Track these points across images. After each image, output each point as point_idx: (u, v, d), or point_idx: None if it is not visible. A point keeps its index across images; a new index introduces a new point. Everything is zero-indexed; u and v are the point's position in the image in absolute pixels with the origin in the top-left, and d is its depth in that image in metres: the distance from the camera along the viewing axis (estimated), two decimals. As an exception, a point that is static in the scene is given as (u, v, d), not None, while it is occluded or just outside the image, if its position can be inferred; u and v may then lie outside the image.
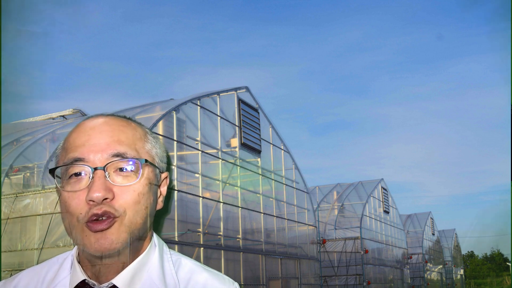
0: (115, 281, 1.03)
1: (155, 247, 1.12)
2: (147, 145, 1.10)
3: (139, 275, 1.06)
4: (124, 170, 1.03)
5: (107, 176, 1.01)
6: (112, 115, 1.12)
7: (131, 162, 1.04)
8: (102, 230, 0.99)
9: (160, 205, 1.14)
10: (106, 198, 0.99)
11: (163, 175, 1.15)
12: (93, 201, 0.98)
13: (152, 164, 1.09)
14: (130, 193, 1.03)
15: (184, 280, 1.09)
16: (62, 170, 1.04)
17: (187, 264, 1.13)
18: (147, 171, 1.07)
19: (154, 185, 1.10)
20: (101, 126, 1.06)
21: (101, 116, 1.11)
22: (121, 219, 1.01)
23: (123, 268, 1.05)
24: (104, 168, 1.01)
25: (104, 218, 0.99)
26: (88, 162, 1.01)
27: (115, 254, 1.02)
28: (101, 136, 1.04)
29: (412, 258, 27.84)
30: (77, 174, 1.02)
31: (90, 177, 1.00)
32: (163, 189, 1.16)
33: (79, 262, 1.08)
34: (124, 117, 1.14)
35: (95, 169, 1.00)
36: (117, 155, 1.03)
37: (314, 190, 22.87)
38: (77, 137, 1.05)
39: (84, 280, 1.05)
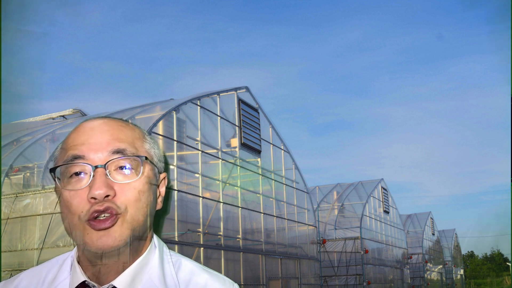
0: (116, 282, 1.03)
1: (155, 248, 1.12)
2: (146, 145, 1.11)
3: (140, 276, 1.06)
4: (125, 168, 1.04)
5: (108, 174, 1.02)
6: (110, 117, 1.13)
7: (131, 159, 1.05)
8: (105, 228, 0.99)
9: (159, 205, 1.14)
10: (107, 195, 1.00)
11: (162, 175, 1.16)
12: (95, 198, 0.99)
13: (151, 163, 1.10)
14: (131, 190, 1.03)
15: (184, 282, 1.09)
16: (62, 169, 1.04)
17: (187, 265, 1.13)
18: (147, 169, 1.07)
19: (154, 184, 1.10)
20: (100, 126, 1.07)
21: (99, 118, 1.11)
22: (123, 215, 1.01)
23: (123, 269, 1.04)
24: (105, 166, 1.02)
25: (106, 215, 0.99)
26: (88, 160, 1.02)
27: (116, 252, 1.02)
28: (101, 135, 1.05)
29: (412, 258, 27.84)
30: (78, 174, 1.02)
31: (91, 176, 1.01)
32: (162, 190, 1.16)
33: (79, 263, 1.07)
34: (122, 120, 1.15)
35: (96, 167, 1.01)
36: (117, 151, 1.04)
37: (314, 190, 22.88)
38: (76, 137, 1.06)
39: (84, 282, 1.04)
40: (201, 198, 10.18)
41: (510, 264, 52.01)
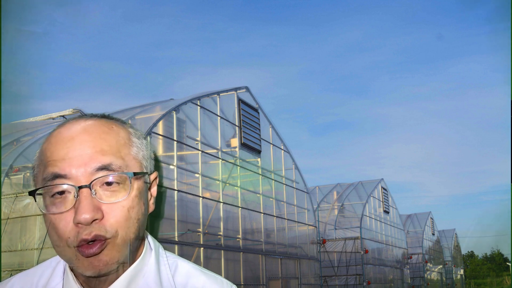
0: None
1: (151, 250, 1.08)
2: (132, 150, 1.02)
3: (135, 281, 1.02)
4: (111, 184, 0.96)
5: (94, 193, 0.94)
6: (92, 116, 1.04)
7: (118, 177, 0.96)
8: (94, 255, 0.94)
9: (151, 207, 1.08)
10: (95, 219, 0.93)
11: (152, 176, 1.09)
12: (82, 223, 0.92)
13: (141, 173, 1.01)
14: (119, 209, 0.96)
15: (181, 284, 1.06)
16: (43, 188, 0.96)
17: (184, 267, 1.09)
18: (136, 183, 1.00)
19: (144, 188, 1.04)
20: (80, 135, 0.97)
21: (78, 121, 1.01)
22: (113, 240, 0.95)
23: (118, 275, 1.00)
24: (89, 186, 0.94)
25: (95, 241, 0.94)
26: (71, 179, 0.94)
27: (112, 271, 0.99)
28: (82, 148, 0.95)
29: (412, 258, 27.84)
30: (61, 192, 0.94)
31: (75, 196, 0.93)
32: (153, 190, 1.10)
33: (71, 269, 1.03)
34: (103, 116, 1.05)
35: (80, 187, 0.93)
36: (101, 168, 0.95)
37: (314, 190, 22.88)
38: (55, 150, 0.96)
39: None
40: (201, 198, 10.18)
41: (510, 264, 52.04)
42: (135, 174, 0.99)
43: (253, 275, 11.67)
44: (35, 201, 0.97)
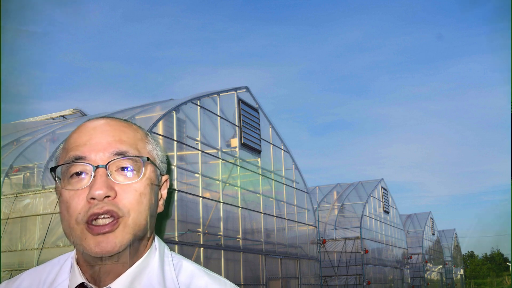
0: (114, 284, 1.01)
1: (155, 250, 1.10)
2: (148, 146, 1.10)
3: (139, 279, 1.04)
4: (126, 169, 1.02)
5: (109, 174, 1.00)
6: (112, 117, 1.12)
7: (132, 160, 1.03)
8: (104, 233, 0.97)
9: (160, 208, 1.12)
10: (108, 196, 0.98)
11: (164, 177, 1.14)
12: (94, 198, 0.97)
13: (153, 164, 1.08)
14: (132, 192, 1.01)
15: (185, 285, 1.07)
16: (62, 169, 1.02)
17: (188, 268, 1.11)
18: (148, 170, 1.06)
19: (155, 185, 1.08)
20: (102, 126, 1.06)
21: (102, 117, 1.10)
22: (125, 219, 0.99)
23: (122, 271, 1.03)
24: (106, 166, 1.00)
25: (106, 217, 0.97)
26: (89, 161, 1.00)
27: (115, 256, 1.00)
28: (103, 136, 1.04)
29: (412, 258, 27.84)
30: (78, 174, 1.00)
31: (92, 176, 0.99)
32: (164, 192, 1.14)
33: (78, 264, 1.06)
34: (125, 120, 1.14)
35: (97, 167, 0.99)
36: (118, 153, 1.02)
37: (314, 190, 22.88)
38: (78, 137, 1.05)
39: (82, 283, 1.03)
40: (201, 198, 10.18)
41: (510, 264, 52.04)
42: (148, 159, 1.06)
43: (253, 275, 11.67)
44: (54, 179, 1.03)
